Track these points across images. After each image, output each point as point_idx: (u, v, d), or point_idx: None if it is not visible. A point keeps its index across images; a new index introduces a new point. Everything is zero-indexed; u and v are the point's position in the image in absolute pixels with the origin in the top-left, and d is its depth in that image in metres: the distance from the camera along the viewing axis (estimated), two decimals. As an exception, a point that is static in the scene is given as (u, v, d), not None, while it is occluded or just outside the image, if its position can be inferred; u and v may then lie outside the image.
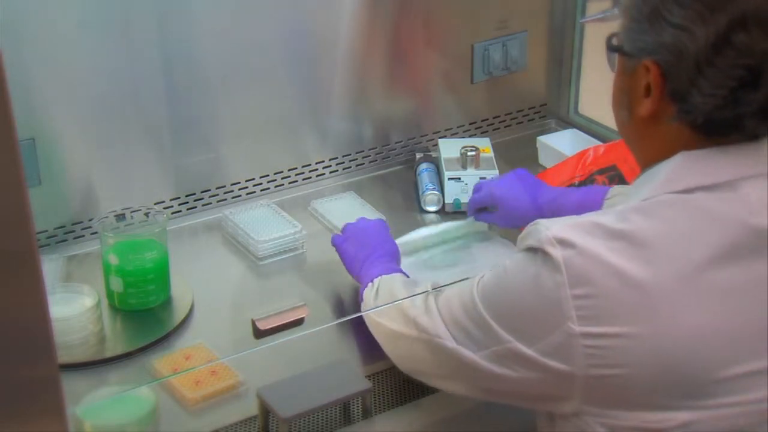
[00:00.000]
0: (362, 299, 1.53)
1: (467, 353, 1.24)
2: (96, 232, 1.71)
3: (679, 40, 1.13)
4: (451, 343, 1.26)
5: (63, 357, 1.49)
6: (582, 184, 1.84)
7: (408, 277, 1.54)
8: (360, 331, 1.64)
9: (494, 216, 1.77)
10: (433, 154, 2.06)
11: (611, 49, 1.24)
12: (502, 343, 1.19)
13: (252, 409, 1.43)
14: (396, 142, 2.10)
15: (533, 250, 1.16)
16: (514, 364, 1.19)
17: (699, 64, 1.13)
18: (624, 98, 1.23)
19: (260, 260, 1.79)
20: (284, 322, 1.49)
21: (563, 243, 1.13)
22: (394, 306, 1.39)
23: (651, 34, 1.16)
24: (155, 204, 1.86)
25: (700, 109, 1.15)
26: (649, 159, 1.23)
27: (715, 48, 1.12)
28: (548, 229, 1.15)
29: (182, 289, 1.68)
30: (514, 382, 1.21)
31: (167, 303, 1.66)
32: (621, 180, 1.81)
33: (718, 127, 1.16)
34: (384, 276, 1.51)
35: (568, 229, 1.15)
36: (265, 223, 1.84)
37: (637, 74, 1.19)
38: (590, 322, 1.12)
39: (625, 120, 1.25)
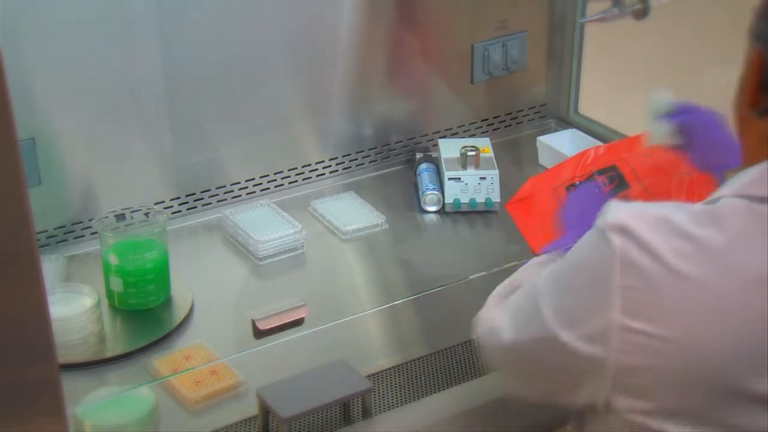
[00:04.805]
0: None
1: (510, 335, 1.23)
2: (96, 232, 1.71)
3: None
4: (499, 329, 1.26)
5: (63, 357, 1.49)
6: (582, 184, 1.84)
7: None
8: (360, 331, 1.64)
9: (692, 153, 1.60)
10: (433, 154, 2.06)
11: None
12: (546, 327, 1.17)
13: (252, 409, 1.43)
14: (396, 142, 2.10)
15: (598, 231, 1.15)
16: (551, 348, 1.18)
17: None
18: (738, 90, 1.20)
19: (260, 260, 1.79)
20: (284, 322, 1.49)
21: (624, 231, 1.11)
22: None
23: (764, 24, 1.15)
24: (155, 204, 1.86)
25: None
26: (745, 158, 1.20)
27: None
28: (615, 213, 1.13)
29: (182, 289, 1.68)
30: (549, 367, 1.20)
31: (167, 303, 1.66)
32: (621, 180, 1.81)
33: None
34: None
35: (634, 217, 1.12)
36: (265, 223, 1.84)
37: (747, 64, 1.17)
38: (633, 317, 1.10)
39: (733, 113, 1.22)
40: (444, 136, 2.13)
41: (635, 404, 1.13)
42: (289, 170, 2.00)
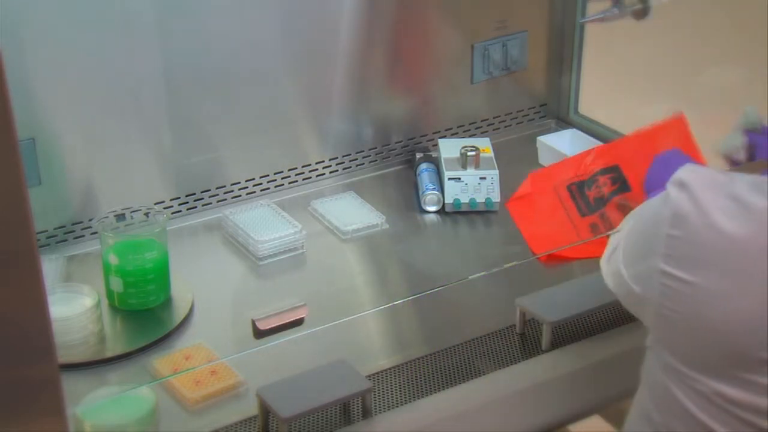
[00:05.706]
0: None
1: (611, 264, 1.36)
2: (96, 232, 1.71)
3: None
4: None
5: (63, 357, 1.49)
6: (583, 183, 1.84)
7: None
8: (360, 331, 1.64)
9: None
10: (433, 154, 2.06)
11: None
12: (618, 261, 1.31)
13: (252, 409, 1.43)
14: (396, 142, 2.10)
15: (667, 185, 1.23)
16: (621, 279, 1.31)
17: None
18: None
19: (260, 260, 1.79)
20: (284, 322, 1.49)
21: (682, 185, 1.20)
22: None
23: None
24: (155, 204, 1.86)
25: None
26: None
27: None
28: (682, 170, 1.22)
29: (182, 289, 1.68)
30: (623, 299, 1.33)
31: (167, 303, 1.66)
32: (623, 181, 1.81)
33: None
34: None
35: (695, 175, 1.21)
36: (265, 223, 1.84)
37: None
38: (673, 264, 1.19)
39: None
40: (444, 136, 2.13)
41: (668, 346, 1.22)
42: (289, 170, 2.00)
